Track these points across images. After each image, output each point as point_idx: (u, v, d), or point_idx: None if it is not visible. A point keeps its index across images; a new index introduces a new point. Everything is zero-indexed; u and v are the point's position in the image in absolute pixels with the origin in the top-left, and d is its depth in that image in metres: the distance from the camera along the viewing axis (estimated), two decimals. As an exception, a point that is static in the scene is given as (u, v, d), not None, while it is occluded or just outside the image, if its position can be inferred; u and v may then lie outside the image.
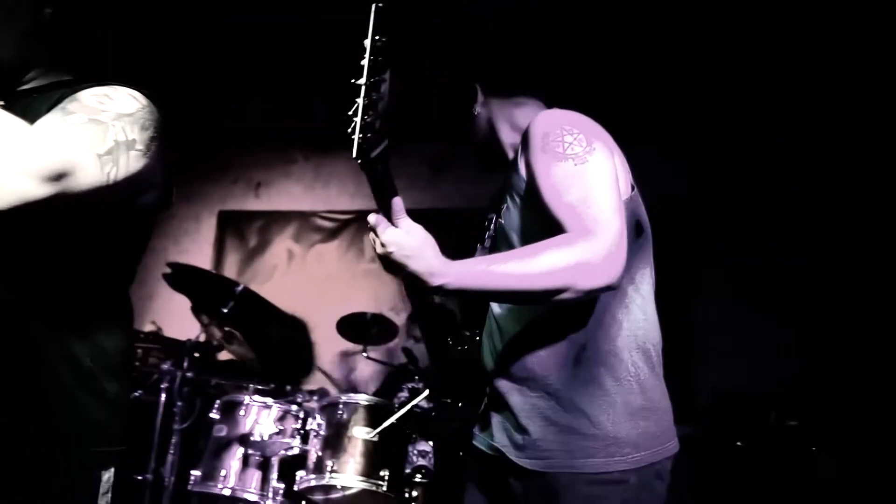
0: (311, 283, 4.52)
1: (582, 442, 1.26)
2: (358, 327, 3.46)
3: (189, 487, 2.75)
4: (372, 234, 1.17)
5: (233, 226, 4.77)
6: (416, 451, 2.94)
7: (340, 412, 2.74)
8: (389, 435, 2.71)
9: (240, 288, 2.94)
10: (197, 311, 3.15)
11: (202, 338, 3.12)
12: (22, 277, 1.15)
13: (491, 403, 1.40)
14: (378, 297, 4.36)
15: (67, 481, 1.16)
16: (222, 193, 4.84)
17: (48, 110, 1.14)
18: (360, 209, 4.61)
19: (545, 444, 1.28)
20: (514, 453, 1.32)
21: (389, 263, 1.16)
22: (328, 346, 4.05)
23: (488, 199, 1.59)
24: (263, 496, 2.69)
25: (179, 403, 2.80)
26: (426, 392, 2.69)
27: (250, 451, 2.75)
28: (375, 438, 2.67)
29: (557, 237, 1.19)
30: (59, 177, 1.03)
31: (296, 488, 2.70)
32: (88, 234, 1.19)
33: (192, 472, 2.77)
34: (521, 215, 1.36)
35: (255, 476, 2.76)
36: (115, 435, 1.23)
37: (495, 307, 1.42)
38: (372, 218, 1.16)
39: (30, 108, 1.17)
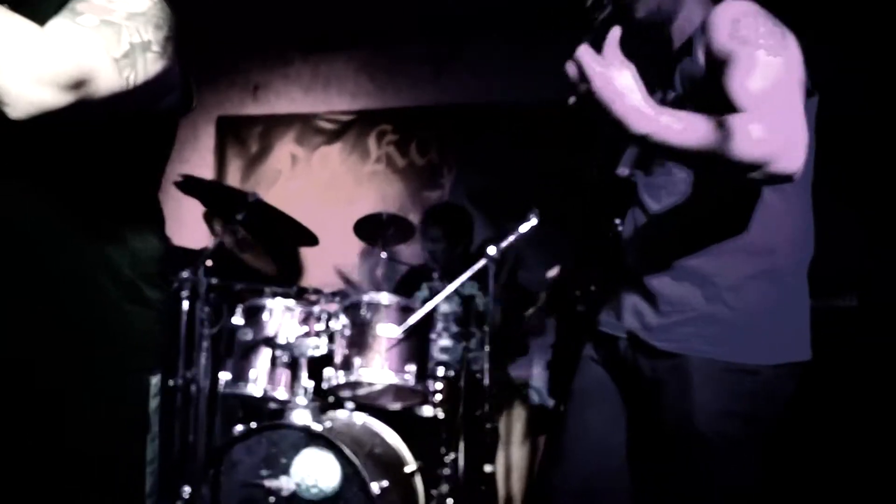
0: (317, 187, 4.49)
1: (722, 331, 1.29)
2: (375, 228, 3.48)
3: (220, 390, 2.83)
4: (574, 67, 1.09)
5: (232, 132, 4.67)
6: (437, 348, 3.02)
7: (364, 312, 2.78)
8: (413, 332, 2.76)
9: (253, 198, 2.92)
10: (210, 217, 3.14)
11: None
12: (54, 190, 1.14)
13: (624, 290, 1.42)
14: (385, 198, 4.35)
15: (120, 387, 1.20)
16: (219, 98, 4.71)
17: (55, 11, 1.08)
18: (361, 109, 4.52)
19: (683, 329, 1.31)
20: (646, 335, 1.36)
21: (592, 102, 1.09)
22: (339, 247, 4.07)
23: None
24: (294, 394, 2.76)
25: (206, 309, 2.84)
26: (449, 289, 2.73)
27: (278, 353, 2.80)
28: (401, 336, 2.73)
29: (754, 117, 1.15)
30: (77, 84, 1.00)
31: (324, 386, 2.77)
32: (113, 140, 1.17)
33: (222, 374, 2.84)
34: (692, 104, 1.30)
35: (284, 376, 2.83)
36: (159, 340, 1.27)
37: (649, 201, 1.39)
38: (582, 50, 1.08)
39: (38, 10, 1.10)
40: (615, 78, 1.09)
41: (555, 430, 1.59)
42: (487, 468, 2.64)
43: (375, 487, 2.44)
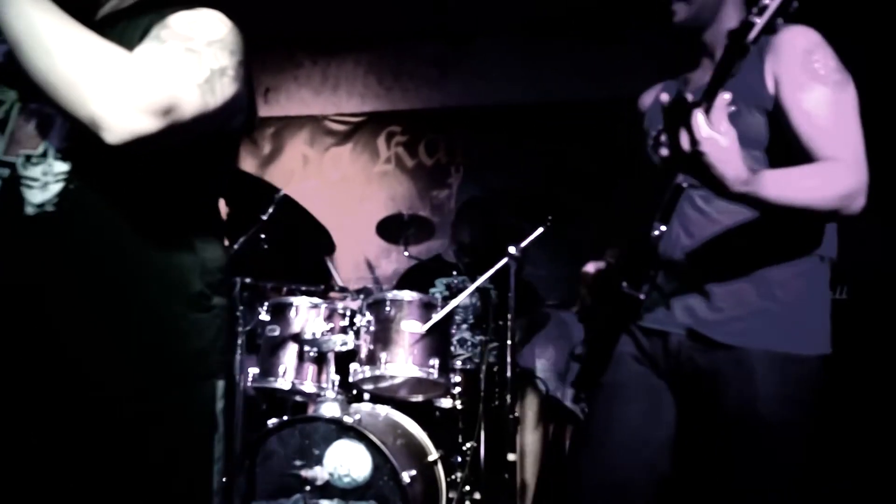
0: (328, 186, 4.61)
1: (777, 324, 1.42)
2: (397, 228, 3.59)
3: (249, 384, 2.93)
4: (684, 128, 1.15)
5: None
6: (454, 341, 3.14)
7: (388, 308, 2.89)
8: (435, 327, 2.87)
9: (280, 194, 3.02)
10: (233, 216, 3.21)
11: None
12: (131, 205, 1.18)
13: (674, 287, 1.51)
14: (395, 197, 4.47)
15: (190, 391, 1.24)
16: (230, 101, 4.80)
17: (141, 38, 1.15)
18: (370, 111, 4.64)
19: (740, 323, 1.43)
20: (704, 329, 1.46)
21: (696, 162, 1.17)
22: (352, 245, 4.18)
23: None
24: (321, 388, 2.88)
25: (241, 308, 2.93)
26: (470, 288, 2.85)
27: (306, 348, 2.90)
28: (424, 331, 2.84)
29: (836, 162, 1.31)
30: (167, 111, 1.05)
31: (351, 380, 2.88)
32: (185, 158, 1.21)
33: (251, 369, 2.94)
34: (760, 128, 1.42)
35: (311, 370, 2.93)
36: (224, 345, 1.31)
37: (701, 202, 1.48)
38: (696, 115, 1.14)
39: (124, 35, 1.16)
40: (722, 143, 1.15)
41: (584, 421, 1.68)
42: (510, 457, 2.76)
43: (406, 476, 2.56)
